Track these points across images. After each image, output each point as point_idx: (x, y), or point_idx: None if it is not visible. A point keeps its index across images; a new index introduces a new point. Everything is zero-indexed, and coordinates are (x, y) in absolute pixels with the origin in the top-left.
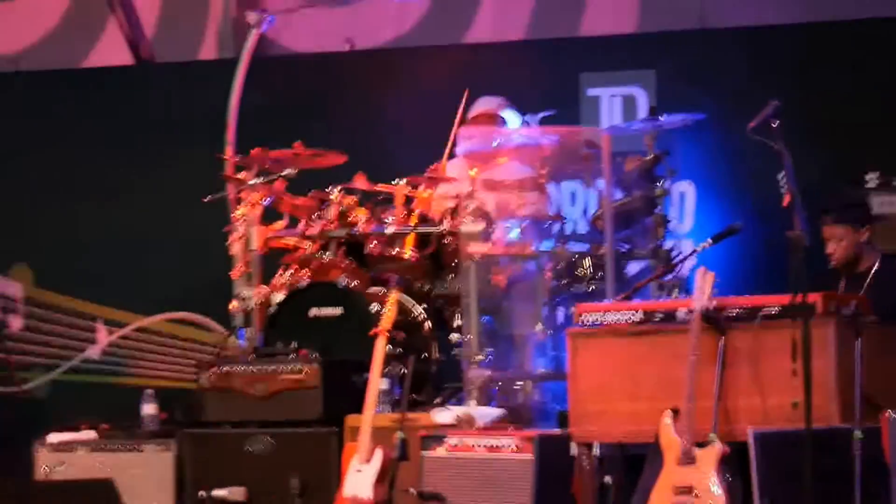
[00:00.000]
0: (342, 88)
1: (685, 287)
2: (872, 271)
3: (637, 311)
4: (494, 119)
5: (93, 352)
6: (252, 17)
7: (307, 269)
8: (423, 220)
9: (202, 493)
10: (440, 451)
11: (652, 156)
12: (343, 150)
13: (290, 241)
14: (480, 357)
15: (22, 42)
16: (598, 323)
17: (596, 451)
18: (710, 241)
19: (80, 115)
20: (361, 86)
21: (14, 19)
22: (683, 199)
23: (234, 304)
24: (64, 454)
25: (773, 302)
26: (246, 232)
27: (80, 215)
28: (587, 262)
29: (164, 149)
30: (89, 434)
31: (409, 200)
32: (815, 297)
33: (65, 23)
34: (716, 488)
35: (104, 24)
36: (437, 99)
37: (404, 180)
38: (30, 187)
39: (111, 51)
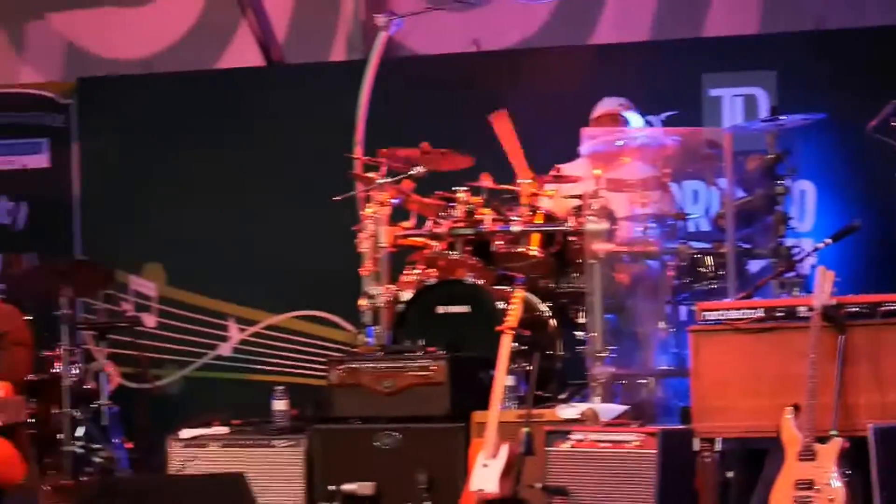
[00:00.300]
0: (468, 89)
1: (805, 285)
2: None
3: (758, 309)
4: (617, 119)
5: (224, 349)
6: (380, 19)
7: (434, 268)
8: (549, 218)
9: (331, 487)
10: (565, 447)
11: (773, 155)
12: (469, 151)
13: (418, 239)
14: (604, 354)
15: (155, 45)
16: (720, 320)
17: (718, 446)
18: (829, 239)
19: (211, 117)
20: (487, 86)
21: (148, 23)
22: (804, 198)
23: (362, 302)
24: (196, 449)
25: (893, 299)
26: (375, 230)
27: (211, 215)
28: (709, 260)
29: (294, 149)
30: (221, 430)
31: (534, 199)
32: None
33: (198, 26)
34: (836, 482)
35: (236, 26)
36: (562, 99)
37: (529, 180)
38: (163, 188)
39: (242, 53)
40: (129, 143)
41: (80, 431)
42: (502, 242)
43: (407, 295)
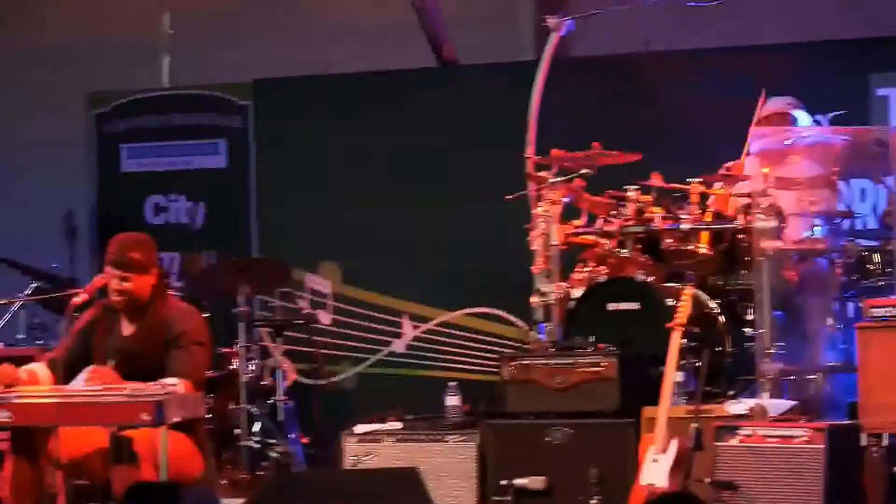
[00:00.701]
0: (638, 89)
1: None
2: None
3: None
4: (785, 118)
5: (398, 345)
6: (552, 21)
7: (605, 265)
8: (718, 216)
9: (503, 481)
10: (734, 442)
11: None
12: (639, 150)
13: (589, 237)
14: (773, 350)
15: (331, 46)
16: (887, 317)
17: (885, 441)
18: None
19: (384, 117)
20: (657, 86)
21: (324, 27)
22: None
23: (534, 299)
24: (371, 444)
25: None
26: (546, 229)
27: (385, 214)
28: (876, 257)
29: (466, 148)
30: (395, 425)
31: (703, 198)
32: None
33: (372, 27)
34: None
35: (409, 28)
36: (731, 99)
37: (699, 179)
38: (338, 187)
39: (415, 54)
40: (304, 143)
41: (256, 427)
42: (672, 240)
43: (578, 292)
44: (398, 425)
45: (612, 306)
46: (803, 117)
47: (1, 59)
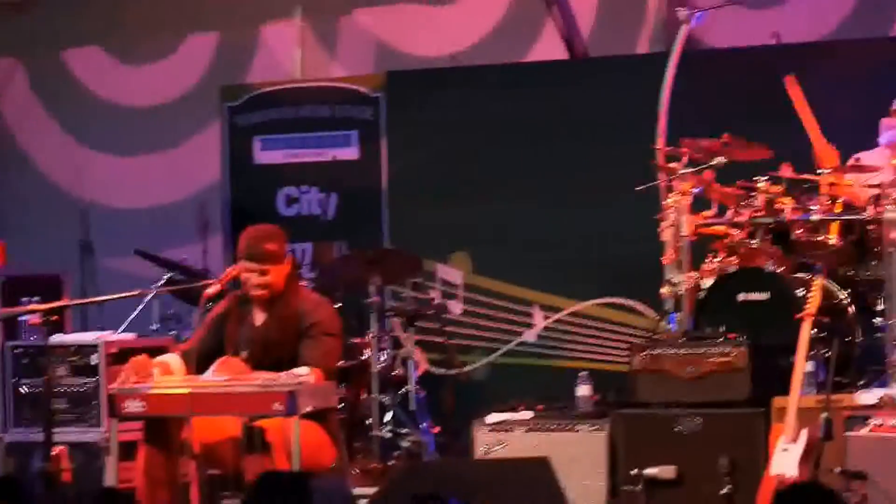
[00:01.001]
0: (767, 82)
1: None
2: None
3: None
4: None
5: (529, 335)
6: (682, 13)
7: (735, 256)
8: (848, 207)
9: (634, 471)
10: (863, 432)
11: None
12: (769, 141)
13: (719, 228)
14: None
15: (461, 41)
16: None
17: None
18: None
19: (515, 110)
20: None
21: (453, 20)
22: None
23: (664, 290)
24: (502, 434)
25: None
26: (676, 219)
27: (515, 205)
28: None
29: (597, 139)
30: (526, 414)
31: (833, 189)
32: None
33: (503, 22)
34: None
35: (540, 22)
36: (861, 91)
37: (828, 170)
38: (468, 179)
39: (546, 47)
40: (435, 134)
41: (388, 416)
42: (802, 231)
43: (708, 282)
44: (529, 415)
45: (741, 297)
46: None
47: (137, 50)
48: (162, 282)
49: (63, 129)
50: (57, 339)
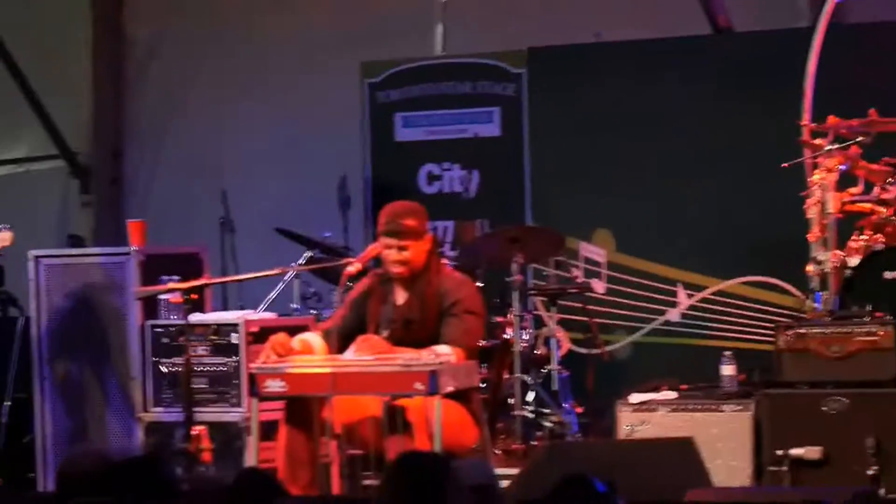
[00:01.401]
0: None
1: None
2: None
3: None
4: None
5: (673, 314)
6: None
7: (882, 234)
8: None
9: (779, 451)
10: None
11: None
12: None
13: (865, 205)
14: None
15: (605, 16)
16: None
17: None
18: None
19: (657, 85)
20: None
21: None
22: None
23: (810, 268)
24: (645, 414)
25: None
26: (822, 197)
27: (658, 182)
28: None
29: (740, 115)
30: (669, 394)
31: None
32: None
33: None
34: None
35: None
36: None
37: None
38: (610, 155)
39: (689, 20)
40: (578, 110)
41: (530, 396)
42: None
43: (854, 261)
44: (673, 395)
45: (888, 275)
46: None
47: (277, 30)
48: (302, 260)
49: (203, 108)
50: (197, 317)
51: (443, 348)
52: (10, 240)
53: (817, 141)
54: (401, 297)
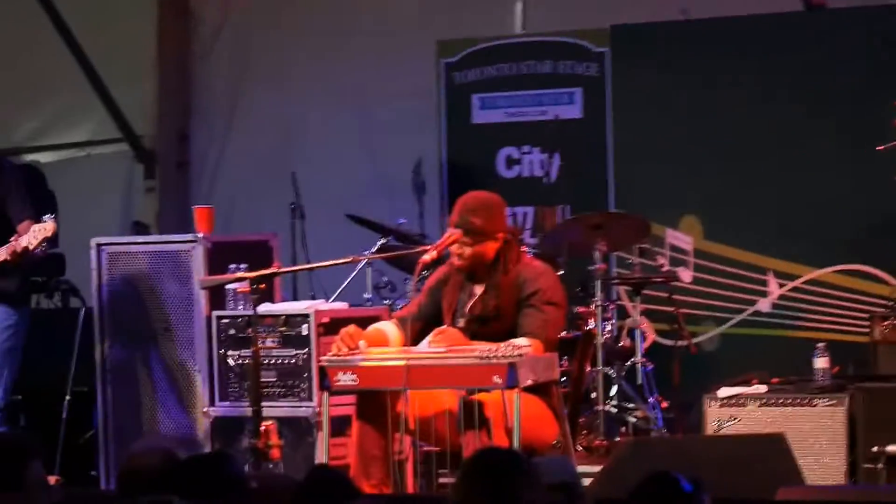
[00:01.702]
0: None
1: None
2: None
3: None
4: None
5: (763, 304)
6: None
7: None
8: None
9: (875, 448)
10: None
11: None
12: None
13: None
14: None
15: None
16: None
17: None
18: None
19: (747, 64)
20: None
21: None
22: None
23: None
24: (734, 409)
25: None
26: None
27: (747, 166)
28: None
29: (833, 95)
30: (759, 388)
31: None
32: None
33: None
34: None
35: None
36: None
37: None
38: (698, 138)
39: None
40: (664, 91)
41: (613, 390)
42: None
43: None
44: (763, 388)
45: None
46: None
47: (350, 7)
48: (375, 248)
49: (271, 90)
50: (265, 308)
51: (521, 340)
52: (52, 230)
53: None
54: (478, 286)
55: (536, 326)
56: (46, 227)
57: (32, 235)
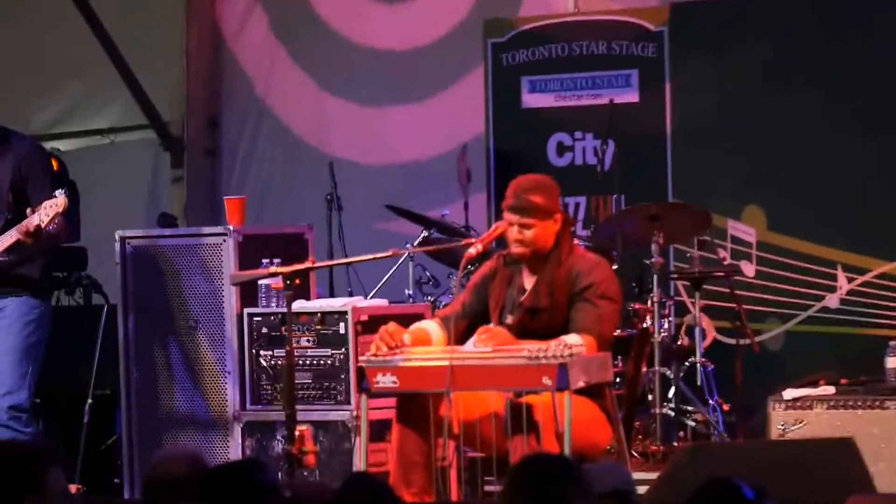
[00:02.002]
0: None
1: None
2: None
3: None
4: None
5: (831, 300)
6: None
7: None
8: None
9: None
10: None
11: None
12: None
13: None
14: None
15: None
16: None
17: None
18: None
19: (815, 45)
20: None
21: None
22: None
23: None
24: (800, 412)
25: None
26: None
27: (816, 151)
28: None
29: None
30: (827, 389)
31: None
32: None
33: None
34: None
35: None
36: None
37: None
38: (763, 123)
39: None
40: (726, 74)
41: (671, 392)
42: None
43: None
44: (831, 390)
45: None
46: None
47: None
48: (418, 241)
49: (306, 75)
50: (300, 305)
51: (573, 338)
52: (63, 205)
53: None
54: (528, 281)
55: (590, 322)
56: (57, 201)
57: (43, 212)
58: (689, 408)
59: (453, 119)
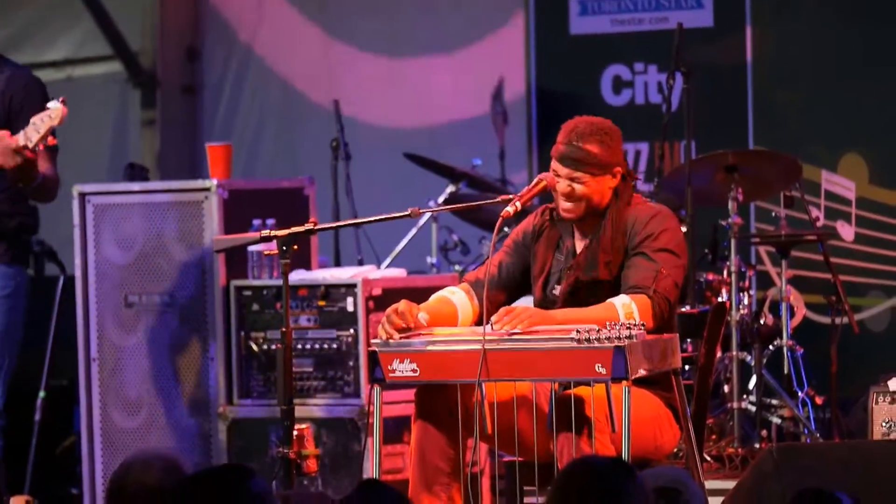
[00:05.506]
0: None
1: None
2: None
3: None
4: None
5: None
6: None
7: None
8: None
9: None
10: None
11: None
12: None
13: None
14: None
15: None
16: None
17: None
18: None
19: None
20: None
21: None
22: None
23: None
24: None
25: None
26: None
27: None
28: None
29: None
30: None
31: None
32: None
33: None
34: None
35: None
36: None
37: None
38: (860, 56)
39: None
40: (823, 9)
41: (751, 382)
42: None
43: None
44: None
45: None
46: None
47: None
48: (443, 198)
49: (313, 24)
50: (299, 277)
51: (621, 299)
52: (59, 117)
53: None
54: (579, 241)
55: (642, 279)
56: (52, 113)
57: (32, 128)
58: (774, 401)
59: (487, 49)
